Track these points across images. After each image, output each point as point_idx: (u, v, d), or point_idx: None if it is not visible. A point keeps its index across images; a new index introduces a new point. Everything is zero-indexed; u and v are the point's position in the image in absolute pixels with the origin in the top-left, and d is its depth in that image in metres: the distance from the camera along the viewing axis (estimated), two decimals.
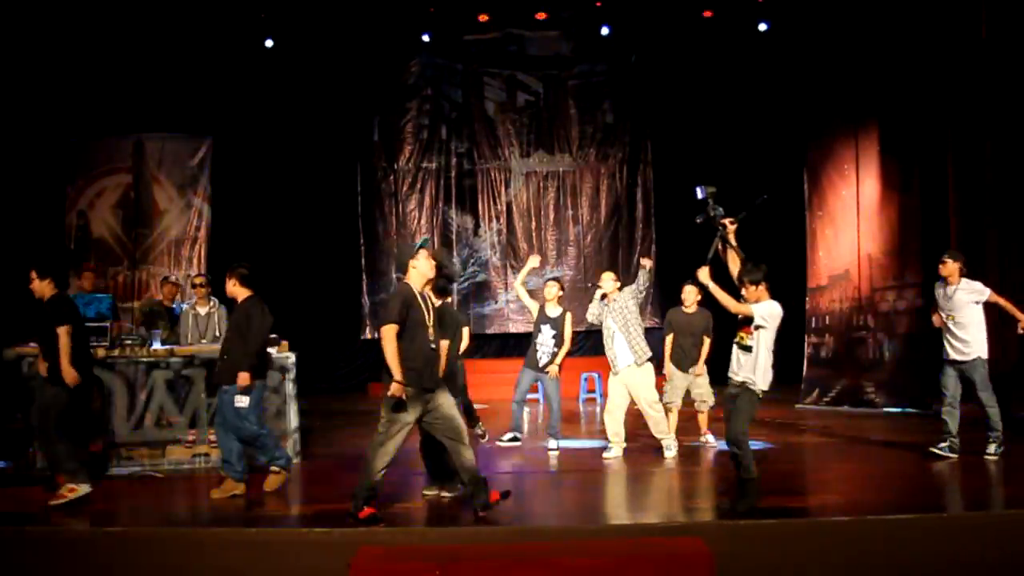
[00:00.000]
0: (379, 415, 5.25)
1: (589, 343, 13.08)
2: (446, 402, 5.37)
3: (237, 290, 6.23)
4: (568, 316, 7.86)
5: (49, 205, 12.29)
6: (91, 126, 12.44)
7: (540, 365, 7.80)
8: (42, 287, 6.07)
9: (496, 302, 14.39)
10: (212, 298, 8.00)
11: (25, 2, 10.92)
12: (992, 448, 6.82)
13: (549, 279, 8.22)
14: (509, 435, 8.10)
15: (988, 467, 6.71)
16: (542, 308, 7.90)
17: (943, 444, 6.91)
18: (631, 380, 7.27)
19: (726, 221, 5.49)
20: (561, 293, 7.98)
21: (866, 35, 10.83)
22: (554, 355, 7.75)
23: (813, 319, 11.24)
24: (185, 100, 12.76)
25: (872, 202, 10.42)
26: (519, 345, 13.82)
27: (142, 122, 12.64)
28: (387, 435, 5.17)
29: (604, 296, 7.42)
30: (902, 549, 4.98)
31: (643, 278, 7.34)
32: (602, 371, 9.99)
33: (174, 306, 8.73)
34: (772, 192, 12.68)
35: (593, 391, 12.41)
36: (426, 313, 5.31)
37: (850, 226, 10.68)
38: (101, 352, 7.13)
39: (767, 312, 5.23)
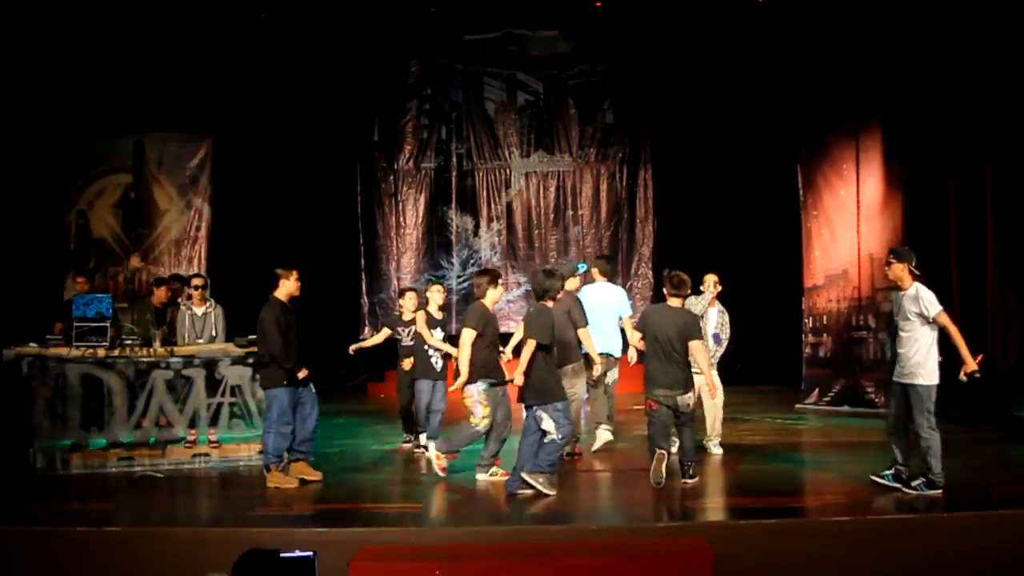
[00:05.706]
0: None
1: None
2: None
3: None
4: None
5: (49, 205, 12.27)
6: (91, 126, 12.43)
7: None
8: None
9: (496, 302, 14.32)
10: (209, 298, 8.07)
11: (26, 2, 10.92)
12: (929, 491, 5.73)
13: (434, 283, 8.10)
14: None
15: (987, 468, 6.70)
16: (430, 315, 7.77)
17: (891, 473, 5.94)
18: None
19: None
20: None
21: (866, 38, 10.82)
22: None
23: (810, 319, 11.22)
24: (185, 100, 12.74)
25: (874, 202, 10.40)
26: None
27: (142, 122, 12.62)
28: None
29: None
30: (902, 549, 4.99)
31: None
32: None
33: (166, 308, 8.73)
34: (769, 192, 12.89)
35: None
36: None
37: (849, 226, 10.66)
38: (101, 352, 7.13)
39: None
